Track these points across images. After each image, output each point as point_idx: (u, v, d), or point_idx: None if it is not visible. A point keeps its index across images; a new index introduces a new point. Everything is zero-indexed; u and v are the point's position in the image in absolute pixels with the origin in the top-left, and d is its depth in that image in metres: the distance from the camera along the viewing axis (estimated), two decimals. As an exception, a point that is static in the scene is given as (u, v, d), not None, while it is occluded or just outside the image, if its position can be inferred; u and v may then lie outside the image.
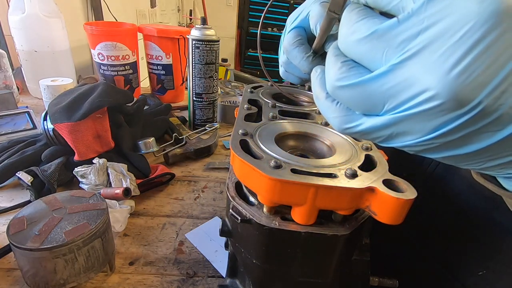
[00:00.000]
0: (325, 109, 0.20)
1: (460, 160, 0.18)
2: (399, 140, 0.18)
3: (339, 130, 0.20)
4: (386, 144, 0.19)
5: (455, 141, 0.16)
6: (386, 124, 0.17)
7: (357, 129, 0.19)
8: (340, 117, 0.19)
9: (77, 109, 0.56)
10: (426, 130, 0.16)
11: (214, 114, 0.85)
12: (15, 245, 0.34)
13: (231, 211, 0.29)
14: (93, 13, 1.45)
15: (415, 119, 0.16)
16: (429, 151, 0.18)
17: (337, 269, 0.29)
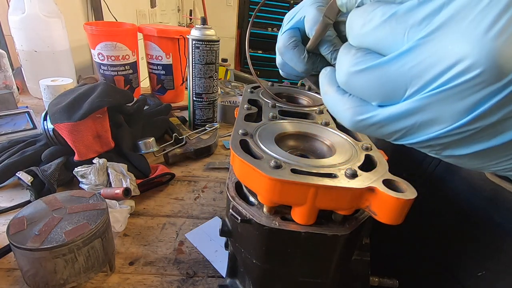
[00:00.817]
0: (335, 103, 0.18)
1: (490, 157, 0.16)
2: (423, 133, 0.15)
3: (351, 123, 0.18)
4: (405, 140, 0.17)
5: (490, 127, 0.14)
6: (409, 111, 0.15)
7: (372, 120, 0.17)
8: (353, 108, 0.17)
9: (77, 109, 0.56)
10: (460, 112, 0.14)
11: (214, 114, 0.85)
12: (15, 245, 0.34)
13: (231, 211, 0.29)
14: (93, 13, 1.45)
15: (446, 100, 0.14)
16: (456, 146, 0.16)
17: (337, 269, 0.29)
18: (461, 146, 0.16)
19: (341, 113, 0.18)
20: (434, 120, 0.15)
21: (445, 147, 0.16)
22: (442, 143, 0.16)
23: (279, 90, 0.48)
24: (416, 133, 0.16)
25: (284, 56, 0.28)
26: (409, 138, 0.16)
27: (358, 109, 0.17)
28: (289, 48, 0.27)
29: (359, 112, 0.17)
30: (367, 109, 0.17)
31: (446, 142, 0.16)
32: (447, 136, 0.15)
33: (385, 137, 0.17)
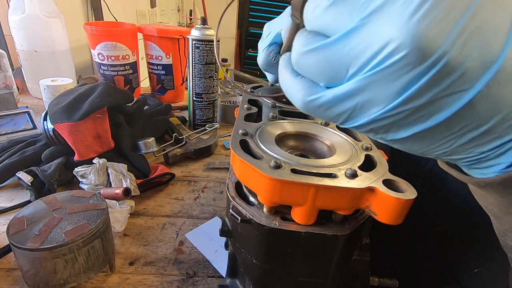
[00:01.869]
0: (289, 86, 0.19)
1: (430, 140, 0.17)
2: (364, 115, 0.16)
3: (302, 104, 0.19)
4: (349, 123, 0.18)
5: (423, 108, 0.15)
6: (350, 92, 0.16)
7: (320, 101, 0.17)
8: (304, 89, 0.18)
9: (77, 109, 0.56)
10: (392, 94, 0.15)
11: (214, 114, 0.85)
12: (15, 245, 0.34)
13: (231, 211, 0.29)
14: (93, 13, 1.45)
15: (380, 81, 0.15)
16: (395, 128, 0.16)
17: (337, 269, 0.29)
18: (400, 129, 0.17)
19: (294, 94, 0.19)
20: (372, 101, 0.16)
21: (386, 130, 0.17)
22: (382, 125, 0.17)
23: (279, 90, 0.48)
24: (358, 115, 0.17)
25: (269, 72, 0.29)
26: (353, 121, 0.17)
27: (308, 90, 0.18)
28: (270, 65, 0.28)
29: (309, 93, 0.18)
30: (316, 90, 0.18)
31: (386, 124, 0.16)
32: (385, 118, 0.16)
33: (333, 119, 0.18)
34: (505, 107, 0.15)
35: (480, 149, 0.17)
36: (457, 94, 0.14)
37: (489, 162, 0.17)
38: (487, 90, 0.14)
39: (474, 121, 0.15)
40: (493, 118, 0.15)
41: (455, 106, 0.15)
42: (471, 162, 0.18)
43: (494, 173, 0.18)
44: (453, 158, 0.18)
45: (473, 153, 0.17)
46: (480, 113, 0.15)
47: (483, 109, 0.15)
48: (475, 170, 0.19)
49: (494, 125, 0.15)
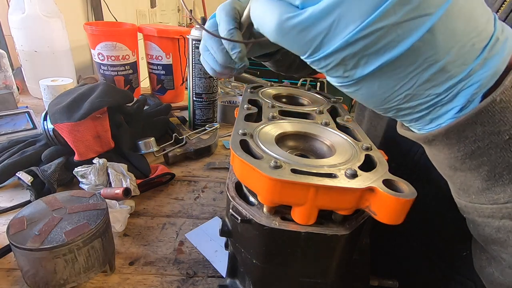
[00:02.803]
0: (263, 9, 0.19)
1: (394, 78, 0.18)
2: (339, 35, 0.17)
3: (278, 24, 0.18)
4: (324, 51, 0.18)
5: (393, 31, 0.16)
6: (327, 8, 0.16)
7: (296, 20, 0.17)
8: (279, 8, 0.18)
9: (77, 109, 0.56)
10: (369, 7, 0.16)
11: (214, 114, 0.85)
12: (15, 245, 0.34)
13: (231, 211, 0.29)
14: (93, 13, 1.45)
15: None
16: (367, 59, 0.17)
17: (337, 269, 0.29)
18: (370, 60, 0.17)
19: (268, 15, 0.19)
20: (348, 18, 0.16)
21: (356, 62, 0.17)
22: (354, 52, 0.17)
23: (279, 90, 0.48)
24: (332, 38, 0.17)
25: (207, 43, 0.30)
26: (326, 48, 0.17)
27: (283, 9, 0.18)
28: (213, 38, 0.29)
29: (284, 12, 0.18)
30: (292, 9, 0.18)
31: (358, 51, 0.17)
32: (359, 40, 0.16)
33: (305, 46, 0.18)
34: (457, 42, 0.16)
35: (436, 89, 0.18)
36: (423, 18, 0.16)
37: (443, 108, 0.19)
38: (446, 19, 0.16)
39: (433, 54, 0.16)
40: (448, 53, 0.16)
41: (420, 29, 0.16)
42: (427, 109, 0.19)
43: (449, 121, 0.19)
44: (411, 105, 0.19)
45: (430, 97, 0.18)
46: (439, 44, 0.16)
47: (441, 39, 0.16)
48: (429, 125, 0.20)
49: (448, 61, 0.17)
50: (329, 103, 0.44)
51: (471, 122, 0.18)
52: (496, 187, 0.20)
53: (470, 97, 0.18)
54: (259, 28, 0.21)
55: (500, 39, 0.17)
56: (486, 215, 0.21)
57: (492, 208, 0.21)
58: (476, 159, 0.19)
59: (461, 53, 0.17)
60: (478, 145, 0.19)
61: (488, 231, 0.22)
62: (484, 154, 0.19)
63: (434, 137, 0.20)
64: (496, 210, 0.20)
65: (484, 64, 0.17)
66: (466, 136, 0.19)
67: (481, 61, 0.17)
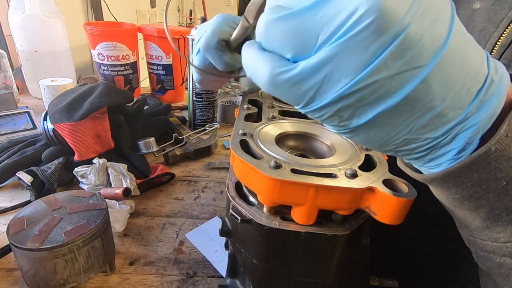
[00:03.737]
0: (254, 61, 0.19)
1: (392, 125, 0.17)
2: (333, 89, 0.16)
3: (270, 78, 0.18)
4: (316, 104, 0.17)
5: (387, 83, 0.16)
6: (319, 63, 0.16)
7: (288, 75, 0.17)
8: (271, 62, 0.18)
9: (77, 109, 0.56)
10: (361, 63, 0.15)
11: (214, 114, 0.85)
12: (15, 245, 0.34)
13: (231, 211, 0.29)
14: (93, 13, 1.45)
15: (349, 50, 0.15)
16: (362, 109, 0.17)
17: (337, 269, 0.29)
18: (365, 110, 0.17)
19: (260, 69, 0.19)
20: (341, 73, 0.16)
21: (351, 113, 0.17)
22: (348, 104, 0.17)
23: None
24: (325, 91, 0.17)
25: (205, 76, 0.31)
26: (319, 100, 0.17)
27: (275, 63, 0.18)
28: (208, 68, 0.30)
29: (277, 66, 0.18)
30: (284, 64, 0.18)
31: (352, 103, 0.17)
32: (352, 94, 0.16)
33: (299, 98, 0.18)
34: (452, 88, 0.16)
35: (434, 133, 0.18)
36: (416, 70, 0.15)
37: (441, 150, 0.18)
38: (439, 68, 0.16)
39: (429, 101, 0.16)
40: (443, 100, 0.16)
41: (414, 80, 0.16)
42: (426, 151, 0.19)
43: (448, 162, 0.19)
44: (410, 148, 0.19)
45: (428, 140, 0.18)
46: (434, 92, 0.16)
47: (436, 87, 0.16)
48: (428, 164, 0.20)
49: (444, 106, 0.17)
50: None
51: (467, 169, 0.18)
52: (496, 227, 0.20)
53: (468, 140, 0.17)
54: (251, 78, 0.20)
55: (494, 80, 0.17)
56: (487, 250, 0.21)
57: (492, 245, 0.20)
58: (474, 202, 0.19)
59: (456, 98, 0.16)
60: (475, 189, 0.19)
61: (490, 264, 0.22)
62: (482, 198, 0.19)
63: (431, 180, 0.20)
64: (496, 248, 0.20)
65: (481, 107, 0.17)
66: (462, 181, 0.19)
67: (477, 103, 0.17)
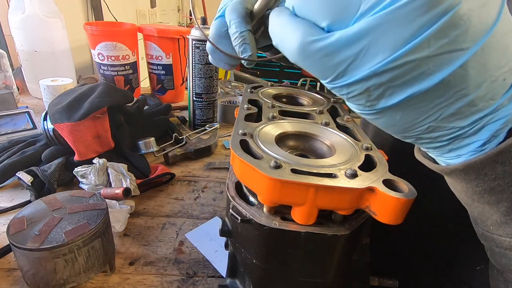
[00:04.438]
0: (284, 27, 0.18)
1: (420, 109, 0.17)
2: (367, 64, 0.15)
3: (300, 46, 0.17)
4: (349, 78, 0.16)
5: (425, 63, 0.15)
6: (358, 33, 0.15)
7: (322, 44, 0.16)
8: (303, 29, 0.17)
9: (77, 109, 0.56)
10: (402, 39, 0.14)
11: (214, 114, 0.85)
12: (15, 245, 0.34)
13: (231, 211, 0.29)
14: (93, 13, 1.45)
15: (391, 23, 0.14)
16: (393, 90, 0.16)
17: (337, 269, 0.29)
18: (396, 90, 0.16)
19: (289, 36, 0.17)
20: (379, 47, 0.15)
21: (381, 92, 0.16)
22: (379, 83, 0.16)
23: (279, 90, 0.48)
24: (359, 66, 0.16)
25: (218, 45, 0.29)
26: (351, 75, 0.16)
27: (308, 30, 0.17)
28: (222, 37, 0.28)
29: (309, 33, 0.17)
30: (318, 32, 0.16)
31: (384, 82, 0.16)
32: (386, 72, 0.15)
33: (329, 71, 0.17)
34: (489, 77, 0.15)
35: (461, 123, 0.17)
36: (457, 52, 0.15)
37: (465, 140, 0.18)
38: (481, 53, 0.15)
39: (463, 88, 0.16)
40: (478, 88, 0.16)
41: (453, 64, 0.15)
42: (449, 141, 0.18)
43: (470, 153, 0.18)
44: (432, 136, 0.18)
45: (453, 129, 0.17)
46: (470, 79, 0.15)
47: (474, 74, 0.15)
48: (447, 154, 0.19)
49: (477, 96, 0.16)
50: (329, 103, 0.44)
51: (491, 161, 0.17)
52: None
53: (494, 132, 0.17)
54: (277, 46, 0.19)
55: None
56: (504, 246, 0.20)
57: (510, 241, 0.20)
58: (495, 195, 0.19)
59: (491, 87, 0.16)
60: (498, 182, 0.18)
61: (505, 261, 0.21)
62: (504, 192, 0.18)
63: (451, 171, 0.19)
64: None
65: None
66: (485, 173, 0.18)
67: (510, 95, 0.16)
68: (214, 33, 0.29)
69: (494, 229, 0.21)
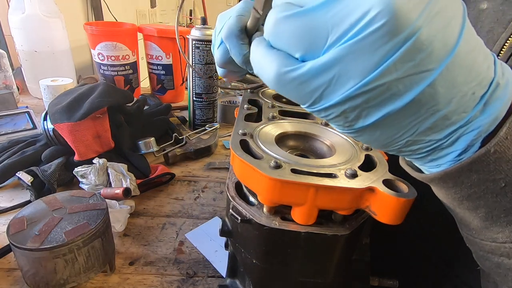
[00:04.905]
0: (262, 59, 0.19)
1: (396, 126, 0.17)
2: (340, 90, 0.16)
3: (276, 76, 0.18)
4: (322, 103, 0.17)
5: (395, 85, 0.16)
6: (328, 63, 0.16)
7: (296, 73, 0.17)
8: (278, 60, 0.18)
9: (77, 109, 0.56)
10: (371, 65, 0.15)
11: (214, 114, 0.85)
12: (15, 245, 0.34)
13: (231, 211, 0.29)
14: (93, 13, 1.45)
15: (359, 52, 0.15)
16: (368, 111, 0.17)
17: (337, 269, 0.29)
18: (371, 111, 0.17)
19: (266, 67, 0.19)
20: (349, 74, 0.16)
21: (358, 114, 0.17)
22: (354, 106, 0.17)
23: None
24: (333, 91, 0.17)
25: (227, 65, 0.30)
26: (326, 100, 0.17)
27: (283, 61, 0.18)
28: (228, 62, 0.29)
29: (284, 64, 0.18)
30: (291, 62, 0.17)
31: (358, 104, 0.17)
32: (360, 95, 0.16)
33: (305, 97, 0.18)
34: (458, 92, 0.16)
35: (437, 136, 0.18)
36: (424, 73, 0.15)
37: (443, 151, 0.19)
38: (447, 72, 0.16)
39: (434, 105, 0.16)
40: (449, 103, 0.16)
41: (422, 84, 0.16)
42: (428, 152, 0.19)
43: (448, 163, 0.19)
44: (412, 149, 0.19)
45: (430, 142, 0.18)
46: (440, 96, 0.16)
47: (442, 91, 0.16)
48: (429, 164, 0.20)
49: (449, 110, 0.17)
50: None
51: (466, 170, 0.18)
52: (494, 227, 0.20)
53: (470, 142, 0.18)
54: (258, 75, 0.21)
55: (500, 84, 0.17)
56: (486, 250, 0.21)
57: (491, 245, 0.21)
58: (473, 202, 0.20)
59: (462, 102, 0.17)
60: (474, 190, 0.19)
61: (488, 264, 0.22)
62: (481, 198, 0.19)
63: (431, 179, 0.20)
64: (495, 248, 0.20)
65: (484, 111, 0.17)
66: (462, 181, 0.19)
67: (481, 107, 0.17)
68: (221, 61, 0.30)
69: (476, 234, 0.22)
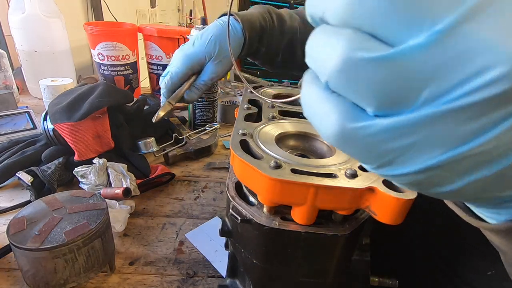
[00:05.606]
0: (316, 103, 0.14)
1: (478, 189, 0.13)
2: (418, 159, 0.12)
3: (339, 131, 0.13)
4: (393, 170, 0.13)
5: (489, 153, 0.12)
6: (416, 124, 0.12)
7: (367, 131, 0.13)
8: (341, 112, 0.13)
9: (77, 109, 0.56)
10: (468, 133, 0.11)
11: (214, 114, 0.85)
12: (15, 245, 0.34)
13: (231, 211, 0.29)
14: (93, 13, 1.45)
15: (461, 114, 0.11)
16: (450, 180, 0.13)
17: (337, 269, 0.29)
18: (453, 180, 0.13)
19: (324, 116, 0.14)
20: (439, 140, 0.12)
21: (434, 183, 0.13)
22: (431, 175, 0.13)
23: (279, 90, 0.48)
24: (408, 159, 0.13)
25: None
26: (396, 167, 0.13)
27: (348, 114, 0.13)
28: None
29: (350, 118, 0.13)
30: (361, 116, 0.13)
31: (437, 174, 0.13)
32: (442, 166, 0.12)
33: (370, 159, 0.14)
34: None
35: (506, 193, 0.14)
36: None
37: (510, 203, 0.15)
38: None
39: None
40: None
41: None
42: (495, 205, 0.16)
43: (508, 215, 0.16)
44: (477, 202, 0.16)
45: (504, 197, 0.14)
46: None
47: None
48: (488, 210, 0.17)
49: None
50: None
51: None
52: None
53: None
54: (309, 121, 0.15)
55: None
56: None
57: None
58: None
59: None
60: None
61: None
62: None
63: (491, 229, 0.17)
64: None
65: None
66: None
67: None
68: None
69: None
